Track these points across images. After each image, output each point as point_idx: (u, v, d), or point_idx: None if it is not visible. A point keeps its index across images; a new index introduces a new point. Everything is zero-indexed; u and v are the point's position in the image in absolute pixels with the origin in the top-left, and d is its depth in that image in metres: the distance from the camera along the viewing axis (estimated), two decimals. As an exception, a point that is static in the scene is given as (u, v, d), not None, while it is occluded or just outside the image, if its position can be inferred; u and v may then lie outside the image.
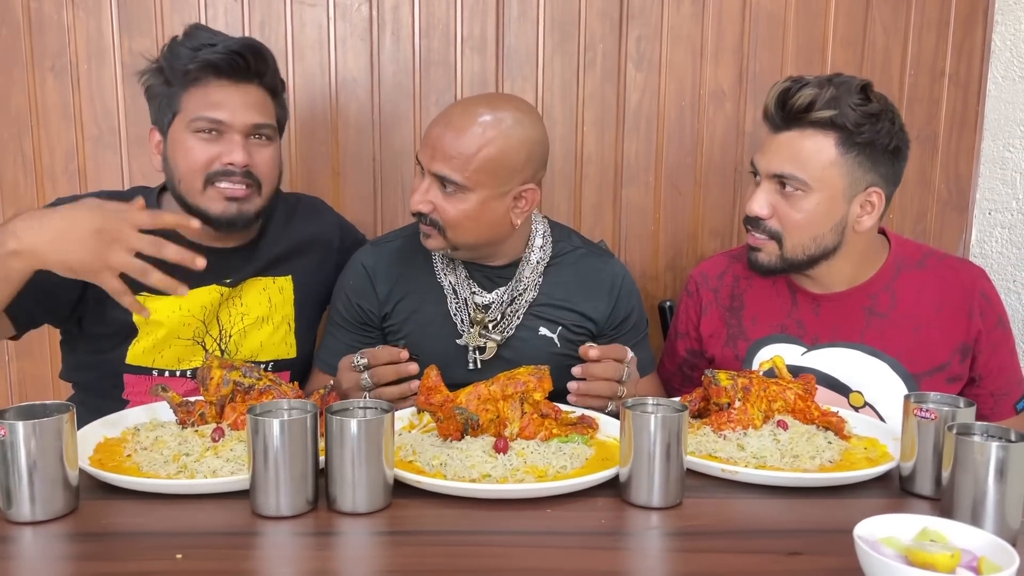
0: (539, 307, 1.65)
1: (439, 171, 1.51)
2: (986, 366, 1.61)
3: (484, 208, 1.53)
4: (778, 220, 1.55)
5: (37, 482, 1.07)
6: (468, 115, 1.51)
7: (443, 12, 2.03)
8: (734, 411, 1.36)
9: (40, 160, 2.01)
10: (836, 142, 1.50)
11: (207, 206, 1.55)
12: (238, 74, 1.54)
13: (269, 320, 1.69)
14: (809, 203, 1.52)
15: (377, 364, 1.45)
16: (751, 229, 1.59)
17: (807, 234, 1.54)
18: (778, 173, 1.53)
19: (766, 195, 1.55)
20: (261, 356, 1.69)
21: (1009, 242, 2.13)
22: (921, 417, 1.18)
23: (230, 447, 1.24)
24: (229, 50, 1.53)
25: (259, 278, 1.69)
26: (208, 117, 1.53)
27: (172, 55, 1.55)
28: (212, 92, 1.53)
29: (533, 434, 1.30)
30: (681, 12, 2.08)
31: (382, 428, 1.11)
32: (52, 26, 1.96)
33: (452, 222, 1.54)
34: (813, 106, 1.50)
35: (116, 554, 1.02)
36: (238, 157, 1.53)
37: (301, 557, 1.03)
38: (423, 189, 1.54)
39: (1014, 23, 2.10)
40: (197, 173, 1.54)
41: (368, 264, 1.68)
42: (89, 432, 1.31)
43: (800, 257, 1.56)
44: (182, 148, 1.55)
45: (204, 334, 1.64)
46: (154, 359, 1.62)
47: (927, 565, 0.86)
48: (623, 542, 1.09)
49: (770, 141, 1.56)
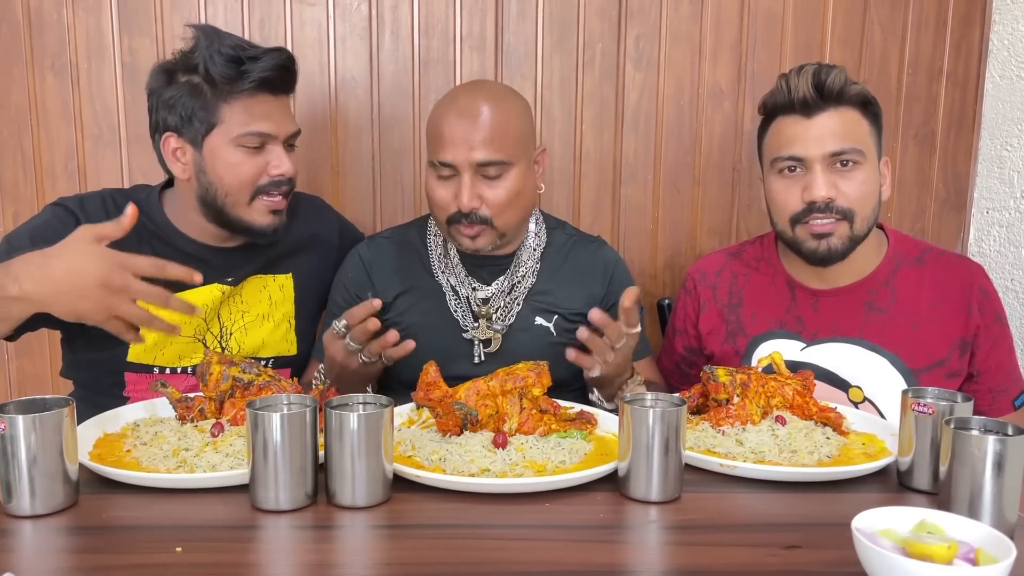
0: (536, 296, 1.66)
1: (483, 158, 1.52)
2: (984, 362, 1.62)
3: (524, 181, 1.58)
4: (844, 198, 1.55)
5: (37, 476, 1.07)
6: (476, 100, 1.55)
7: (442, 11, 2.04)
8: (733, 407, 1.36)
9: (40, 159, 2.01)
10: (862, 115, 1.57)
11: (252, 218, 1.56)
12: (278, 88, 1.56)
13: (270, 317, 1.69)
14: (865, 173, 1.56)
15: (355, 323, 1.46)
16: (819, 215, 1.55)
17: (870, 205, 1.57)
18: (836, 151, 1.54)
19: (826, 176, 1.54)
20: (263, 353, 1.69)
21: (1007, 240, 2.14)
22: (919, 412, 1.18)
23: (229, 442, 1.24)
24: (278, 66, 1.53)
25: (259, 276, 1.69)
26: (257, 132, 1.53)
27: (211, 63, 1.50)
28: (257, 104, 1.53)
29: (532, 429, 1.30)
30: (680, 11, 2.09)
31: (381, 422, 1.11)
32: (52, 25, 1.96)
33: (501, 206, 1.56)
34: (847, 83, 1.55)
35: (116, 547, 1.02)
36: (287, 168, 1.56)
37: (300, 550, 1.03)
38: (468, 186, 1.53)
39: (1011, 22, 2.10)
40: (246, 187, 1.54)
41: (366, 257, 1.70)
42: (89, 427, 1.31)
43: (864, 232, 1.58)
44: (227, 162, 1.53)
45: (205, 331, 1.65)
46: (155, 356, 1.63)
47: (924, 557, 0.86)
48: (622, 536, 1.09)
49: (808, 126, 1.55)
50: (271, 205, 1.56)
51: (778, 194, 1.59)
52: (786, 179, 1.58)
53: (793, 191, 1.56)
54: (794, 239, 1.59)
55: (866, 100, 1.57)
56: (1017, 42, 2.09)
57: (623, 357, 1.46)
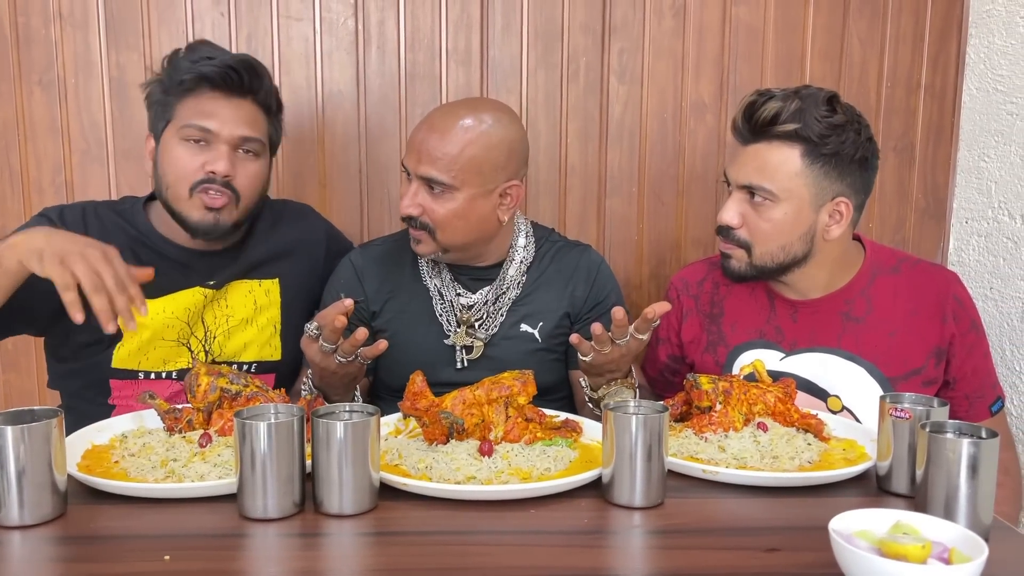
0: (521, 305, 1.68)
1: (426, 173, 1.55)
2: (960, 369, 1.64)
3: (471, 206, 1.58)
4: (747, 230, 1.58)
5: (25, 487, 1.08)
6: (450, 117, 1.56)
7: (428, 26, 2.06)
8: (715, 414, 1.38)
9: (27, 173, 2.02)
10: (801, 153, 1.53)
11: (188, 213, 1.59)
12: (231, 87, 1.58)
13: (253, 322, 1.71)
14: (776, 213, 1.56)
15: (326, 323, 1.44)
16: (723, 238, 1.62)
17: (775, 243, 1.58)
18: (747, 184, 1.57)
19: (736, 205, 1.59)
20: (244, 356, 1.71)
21: (986, 250, 2.17)
22: (896, 417, 1.20)
23: (217, 452, 1.25)
24: (224, 64, 1.57)
25: (244, 280, 1.71)
26: (197, 125, 1.56)
27: (172, 66, 1.60)
28: (204, 102, 1.57)
29: (518, 437, 1.32)
30: (663, 26, 2.12)
31: (368, 431, 1.13)
32: (39, 40, 1.98)
33: (441, 222, 1.58)
34: (777, 119, 1.53)
35: (104, 556, 1.03)
36: (220, 167, 1.56)
37: (288, 557, 1.04)
38: (411, 193, 1.58)
39: (987, 36, 2.14)
40: (183, 180, 1.57)
41: (357, 263, 1.73)
42: (77, 439, 1.32)
43: (770, 264, 1.60)
44: (171, 155, 1.58)
45: (189, 335, 1.66)
46: (139, 361, 1.64)
47: (899, 557, 0.88)
48: (605, 540, 1.11)
49: (740, 153, 1.60)
50: (207, 202, 1.58)
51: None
52: (726, 193, 1.64)
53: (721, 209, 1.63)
54: None
55: (807, 138, 1.52)
56: (993, 55, 2.13)
57: (620, 354, 1.45)
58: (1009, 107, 2.08)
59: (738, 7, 2.13)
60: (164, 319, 1.63)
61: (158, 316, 1.63)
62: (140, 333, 1.62)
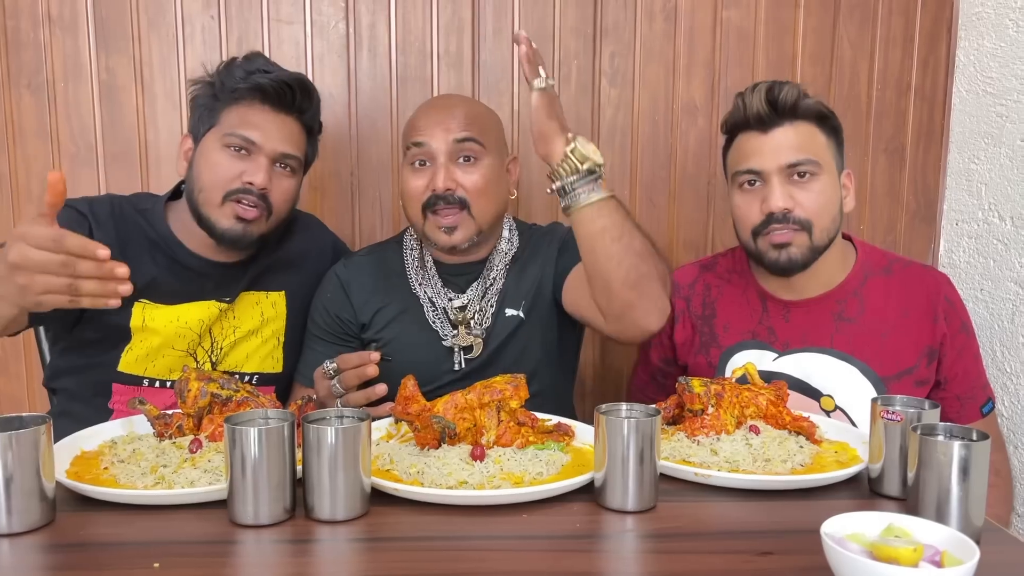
0: (506, 293, 1.69)
1: (460, 135, 1.58)
2: (951, 369, 1.65)
3: (497, 174, 1.64)
4: (802, 209, 1.58)
5: (14, 494, 1.07)
6: (451, 98, 1.66)
7: (419, 29, 2.06)
8: (707, 417, 1.38)
9: (16, 178, 2.01)
10: (819, 129, 1.60)
11: (218, 219, 1.58)
12: (281, 103, 1.60)
13: (258, 333, 1.71)
14: (823, 183, 1.59)
15: (346, 368, 1.47)
16: (776, 227, 1.58)
17: (828, 215, 1.60)
18: (792, 162, 1.57)
19: (782, 187, 1.58)
20: (246, 368, 1.70)
21: (976, 251, 2.18)
22: (888, 419, 1.21)
23: (208, 458, 1.24)
24: (279, 79, 1.59)
25: (252, 292, 1.71)
26: (241, 135, 1.57)
27: (227, 72, 1.61)
28: (252, 113, 1.59)
29: (510, 442, 1.32)
30: (654, 29, 2.13)
31: (359, 436, 1.12)
32: (28, 44, 1.97)
33: (477, 191, 1.60)
34: (799, 99, 1.58)
35: (94, 564, 1.02)
36: (259, 178, 1.57)
37: (279, 563, 1.04)
38: (443, 167, 1.59)
39: (976, 39, 2.15)
40: (218, 187, 1.57)
41: (342, 276, 1.72)
42: (65, 446, 1.31)
43: (824, 242, 1.61)
44: (210, 160, 1.58)
45: (196, 346, 1.66)
46: (146, 368, 1.63)
47: (891, 560, 0.88)
48: (598, 545, 1.11)
49: (764, 140, 1.59)
50: (238, 211, 1.58)
51: (739, 207, 1.63)
52: (747, 193, 1.62)
53: (753, 204, 1.60)
54: (757, 251, 1.62)
55: (821, 114, 1.60)
56: (983, 57, 2.14)
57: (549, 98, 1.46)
58: (999, 109, 2.09)
59: (729, 10, 2.13)
60: (176, 328, 1.63)
61: (170, 324, 1.62)
62: (150, 338, 1.62)
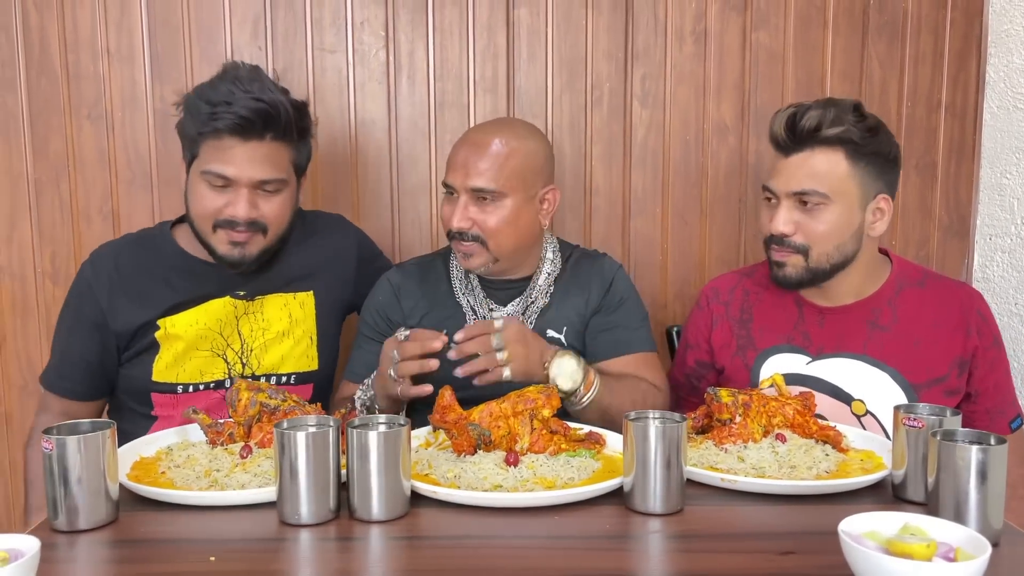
0: (547, 312, 1.75)
1: (475, 184, 1.64)
2: (982, 382, 1.67)
3: (519, 213, 1.68)
4: (803, 235, 1.63)
5: (82, 494, 1.15)
6: (488, 134, 1.68)
7: (456, 56, 2.14)
8: (735, 426, 1.42)
9: (76, 202, 2.12)
10: (845, 156, 1.61)
11: (215, 246, 1.67)
12: (250, 133, 1.61)
13: (290, 334, 1.78)
14: (831, 214, 1.62)
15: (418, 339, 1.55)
16: (776, 246, 1.66)
17: (831, 243, 1.63)
18: (799, 191, 1.62)
19: (787, 213, 1.64)
20: (282, 368, 1.78)
21: (1010, 266, 2.19)
22: (910, 426, 1.24)
23: (257, 463, 1.32)
24: (238, 115, 1.58)
25: (280, 294, 1.78)
26: (216, 172, 1.61)
27: (193, 106, 1.63)
28: (223, 148, 1.61)
29: (543, 449, 1.37)
30: (683, 51, 2.18)
31: (399, 440, 1.19)
32: (88, 76, 2.09)
33: (492, 231, 1.66)
34: (821, 126, 1.60)
35: (155, 558, 1.10)
36: (240, 212, 1.62)
37: (325, 560, 1.11)
38: (460, 208, 1.67)
39: (1006, 55, 2.18)
40: (207, 218, 1.65)
41: (394, 281, 1.81)
42: (125, 452, 1.39)
43: (825, 266, 1.65)
44: (195, 193, 1.65)
45: (225, 347, 1.74)
46: (177, 373, 1.72)
47: (905, 555, 0.92)
48: (626, 545, 1.16)
49: (783, 164, 1.65)
50: (231, 237, 1.65)
51: (761, 218, 1.72)
52: (767, 206, 1.70)
53: (768, 218, 1.68)
54: (768, 259, 1.71)
55: (849, 140, 1.60)
56: (1013, 74, 2.16)
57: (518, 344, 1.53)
58: (1029, 124, 2.11)
59: (758, 32, 2.18)
60: (197, 330, 1.71)
61: (190, 328, 1.70)
62: (175, 344, 1.70)
